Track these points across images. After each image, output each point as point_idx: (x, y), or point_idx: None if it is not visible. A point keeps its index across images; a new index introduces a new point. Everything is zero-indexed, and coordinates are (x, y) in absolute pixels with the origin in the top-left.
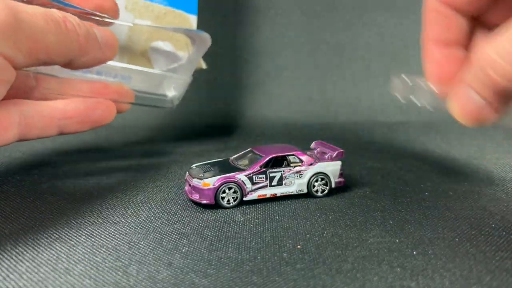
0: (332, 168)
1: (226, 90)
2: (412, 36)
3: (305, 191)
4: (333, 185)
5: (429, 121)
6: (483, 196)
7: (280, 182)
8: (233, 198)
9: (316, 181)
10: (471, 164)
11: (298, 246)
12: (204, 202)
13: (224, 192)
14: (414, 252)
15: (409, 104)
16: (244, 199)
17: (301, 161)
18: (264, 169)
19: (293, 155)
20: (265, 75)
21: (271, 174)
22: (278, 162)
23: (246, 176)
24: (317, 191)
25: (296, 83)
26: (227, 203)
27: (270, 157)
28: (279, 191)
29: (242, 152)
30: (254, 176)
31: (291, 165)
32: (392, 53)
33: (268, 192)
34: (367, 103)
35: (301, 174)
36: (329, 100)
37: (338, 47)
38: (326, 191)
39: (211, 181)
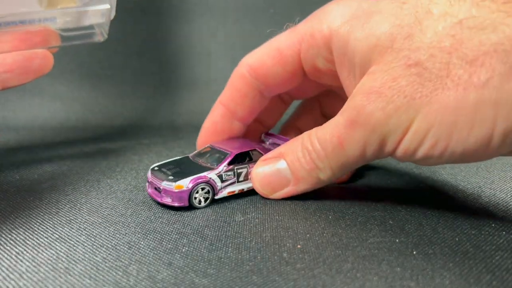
0: None
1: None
2: None
3: None
4: None
5: None
6: (483, 196)
7: (246, 178)
8: (204, 198)
9: None
10: (471, 164)
11: (298, 246)
12: (177, 205)
13: (197, 192)
14: (414, 252)
15: None
16: (215, 197)
17: (262, 155)
18: (231, 166)
19: (255, 149)
20: None
21: (239, 170)
22: (242, 157)
23: (216, 174)
24: None
25: None
26: (198, 203)
27: (236, 153)
28: (245, 186)
29: (201, 149)
30: (223, 174)
31: (254, 159)
32: None
33: (237, 188)
34: None
35: None
36: None
37: None
38: None
39: (184, 183)
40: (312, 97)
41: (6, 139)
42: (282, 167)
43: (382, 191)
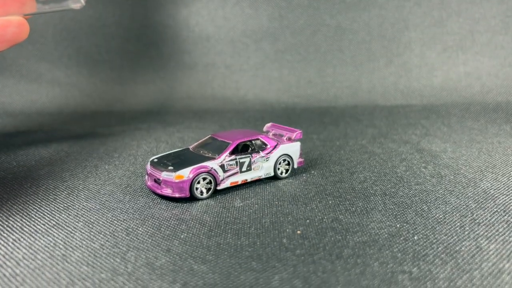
0: (294, 149)
1: (225, 73)
2: (413, 18)
3: (272, 174)
4: (295, 166)
5: (430, 104)
6: (485, 180)
7: (249, 168)
8: (206, 188)
9: (279, 163)
10: (473, 148)
11: (298, 232)
12: (178, 195)
13: (198, 182)
14: (415, 237)
15: None
16: (218, 188)
17: (266, 144)
18: (233, 156)
19: (258, 139)
20: (264, 58)
21: (241, 160)
22: (244, 147)
23: (218, 164)
24: (281, 172)
25: (296, 66)
26: (200, 194)
27: (237, 142)
28: (249, 176)
29: (202, 140)
30: (225, 164)
31: (257, 149)
32: (393, 35)
33: (240, 178)
34: (368, 86)
35: (267, 158)
36: (329, 83)
37: (338, 30)
38: (289, 171)
39: (185, 173)
40: None
41: (3, 124)
42: None
43: (382, 175)
